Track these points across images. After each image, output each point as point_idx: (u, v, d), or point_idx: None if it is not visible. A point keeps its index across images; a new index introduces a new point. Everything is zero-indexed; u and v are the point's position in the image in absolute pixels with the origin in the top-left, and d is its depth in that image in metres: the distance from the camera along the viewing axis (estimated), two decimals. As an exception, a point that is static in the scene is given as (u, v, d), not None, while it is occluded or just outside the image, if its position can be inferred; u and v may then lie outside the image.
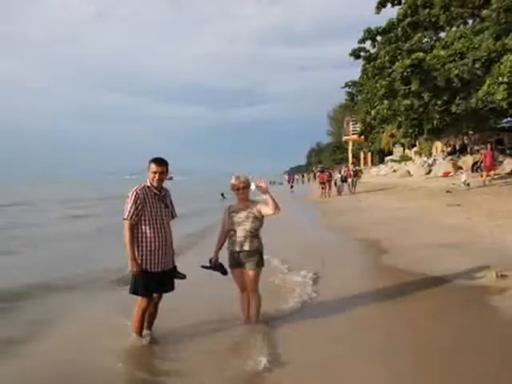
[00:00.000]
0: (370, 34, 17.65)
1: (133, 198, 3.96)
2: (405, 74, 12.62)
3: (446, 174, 24.62)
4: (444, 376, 3.33)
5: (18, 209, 21.86)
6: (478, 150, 25.42)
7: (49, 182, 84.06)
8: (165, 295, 4.27)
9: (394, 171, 35.93)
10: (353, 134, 51.52)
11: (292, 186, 41.48)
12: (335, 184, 25.47)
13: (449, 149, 30.98)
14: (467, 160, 24.90)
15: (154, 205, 4.06)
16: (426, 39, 16.81)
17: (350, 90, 21.97)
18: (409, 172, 31.04)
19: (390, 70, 13.73)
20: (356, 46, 18.96)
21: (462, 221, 10.28)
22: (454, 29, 15.89)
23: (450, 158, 27.97)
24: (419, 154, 36.38)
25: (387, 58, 14.63)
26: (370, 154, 56.79)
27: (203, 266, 4.62)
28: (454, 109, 13.14)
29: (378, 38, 17.78)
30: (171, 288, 4.26)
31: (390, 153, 45.84)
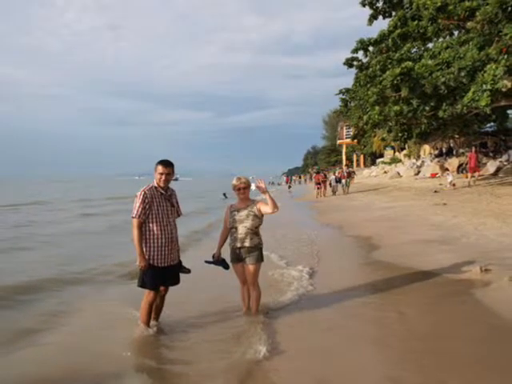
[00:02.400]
0: (363, 45, 17.63)
1: (141, 197, 3.96)
2: (395, 81, 12.62)
3: (433, 175, 24.64)
4: (431, 362, 3.33)
5: (34, 208, 21.84)
6: (463, 153, 25.45)
7: (62, 182, 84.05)
8: (171, 288, 4.28)
9: (385, 172, 35.92)
10: (346, 137, 51.61)
11: (290, 187, 41.53)
12: (330, 184, 25.49)
13: (436, 151, 30.99)
14: (453, 162, 24.93)
15: (161, 204, 4.07)
16: (414, 49, 16.80)
17: (344, 96, 21.94)
18: (399, 173, 31.05)
19: (381, 78, 13.73)
20: (349, 55, 18.97)
21: (448, 219, 10.28)
22: (440, 40, 15.88)
23: (437, 160, 27.96)
24: (408, 156, 36.41)
25: (378, 66, 14.62)
26: (362, 157, 56.88)
27: (207, 261, 4.62)
28: (440, 114, 13.12)
29: (370, 48, 17.76)
30: (177, 282, 4.27)
31: (381, 155, 45.86)
